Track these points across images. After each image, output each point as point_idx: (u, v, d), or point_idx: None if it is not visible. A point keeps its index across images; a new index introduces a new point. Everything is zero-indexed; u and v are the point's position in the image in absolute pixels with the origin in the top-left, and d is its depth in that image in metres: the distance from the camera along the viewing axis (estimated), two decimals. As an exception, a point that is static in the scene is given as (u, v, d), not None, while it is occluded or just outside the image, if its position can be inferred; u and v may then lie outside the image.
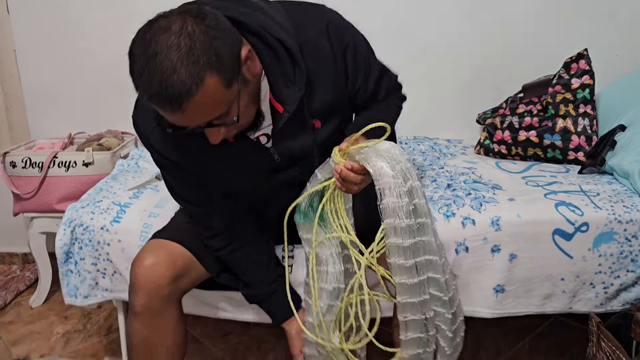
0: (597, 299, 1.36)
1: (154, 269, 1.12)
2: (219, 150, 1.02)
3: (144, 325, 1.14)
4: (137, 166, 1.74)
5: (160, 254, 1.14)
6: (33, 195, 1.83)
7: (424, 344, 0.98)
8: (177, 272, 1.14)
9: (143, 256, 1.14)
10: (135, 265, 1.14)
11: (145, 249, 1.16)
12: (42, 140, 2.02)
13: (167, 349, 1.17)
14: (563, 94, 1.69)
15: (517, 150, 1.71)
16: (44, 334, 1.79)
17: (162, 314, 1.14)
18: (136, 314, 1.14)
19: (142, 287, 1.12)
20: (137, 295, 1.12)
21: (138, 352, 1.17)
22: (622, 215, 1.33)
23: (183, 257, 1.17)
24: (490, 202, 1.37)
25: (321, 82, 1.05)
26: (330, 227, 1.07)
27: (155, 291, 1.12)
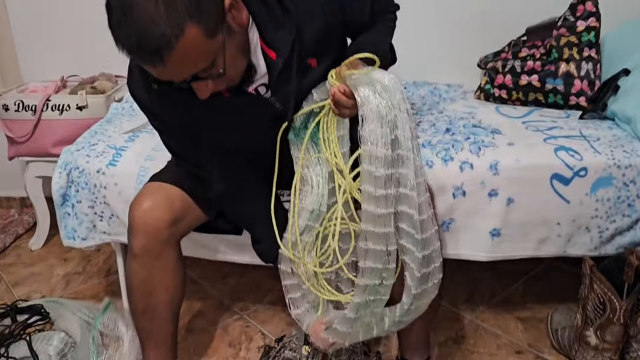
0: (592, 243, 1.37)
1: (152, 211, 1.12)
2: (219, 107, 1.01)
3: (143, 267, 1.15)
4: (132, 109, 1.71)
5: (158, 196, 1.14)
6: (27, 139, 1.81)
7: (380, 276, 0.94)
8: (175, 215, 1.14)
9: (141, 199, 1.14)
10: (133, 209, 1.14)
11: (143, 192, 1.16)
12: (34, 83, 1.98)
13: (166, 290, 1.19)
14: (567, 37, 1.64)
15: (518, 95, 1.68)
16: (44, 275, 1.82)
17: (161, 256, 1.15)
18: (135, 256, 1.14)
19: (141, 230, 1.12)
20: (136, 238, 1.13)
21: (137, 294, 1.18)
22: (622, 160, 1.32)
23: (181, 200, 1.16)
24: (489, 146, 1.36)
25: (311, 19, 1.02)
26: (320, 149, 1.06)
27: (153, 234, 1.12)
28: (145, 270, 1.15)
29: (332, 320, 1.05)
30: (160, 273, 1.16)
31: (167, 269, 1.17)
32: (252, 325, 1.56)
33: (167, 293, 1.19)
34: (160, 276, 1.17)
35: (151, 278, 1.16)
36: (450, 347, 1.45)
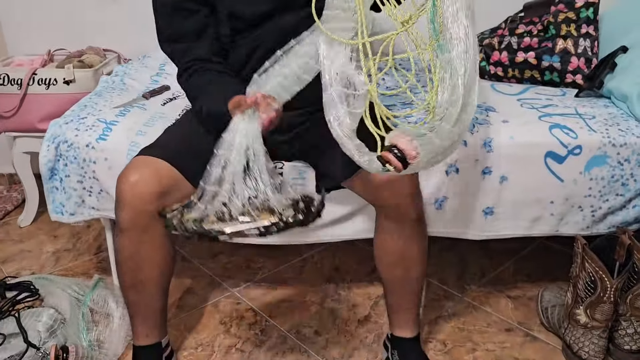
0: (584, 221, 1.37)
1: (139, 185, 1.11)
2: None
3: (131, 241, 1.14)
4: (122, 83, 1.68)
5: (145, 170, 1.12)
6: (13, 113, 1.78)
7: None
8: (162, 189, 1.13)
9: (128, 172, 1.12)
10: (121, 182, 1.12)
11: (131, 165, 1.14)
12: (19, 57, 1.94)
13: (155, 265, 1.18)
14: (566, 12, 1.61)
15: (514, 72, 1.66)
16: (34, 252, 1.80)
17: (149, 230, 1.13)
18: (123, 230, 1.13)
19: (128, 204, 1.11)
20: (123, 211, 1.12)
21: (125, 268, 1.17)
22: (617, 138, 1.31)
23: (169, 174, 1.14)
24: (483, 123, 1.34)
25: None
26: None
27: (141, 207, 1.11)
28: (132, 244, 1.14)
29: (416, 134, 0.92)
30: (148, 247, 1.15)
31: (155, 244, 1.16)
32: (243, 302, 1.55)
33: (155, 268, 1.18)
34: (148, 251, 1.16)
35: (139, 252, 1.15)
36: (441, 325, 1.46)
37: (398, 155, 0.90)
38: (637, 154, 1.31)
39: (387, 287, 1.25)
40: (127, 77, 1.70)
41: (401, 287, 1.23)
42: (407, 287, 1.23)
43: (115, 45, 1.98)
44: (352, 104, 0.94)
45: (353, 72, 0.94)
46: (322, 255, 1.75)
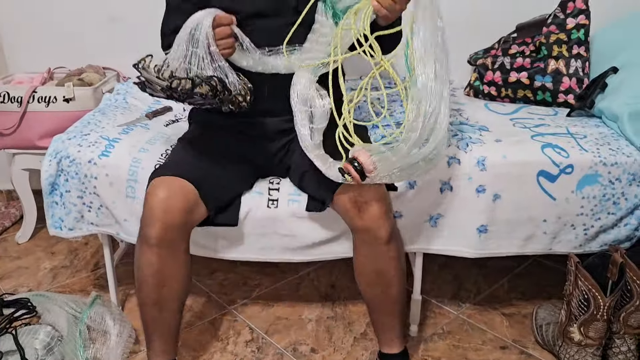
0: (577, 240, 1.38)
1: (169, 200, 1.14)
2: None
3: (159, 257, 1.15)
4: (125, 102, 1.70)
5: (173, 187, 1.16)
6: (13, 130, 1.79)
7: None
8: (189, 204, 1.16)
9: (157, 189, 1.15)
10: (150, 199, 1.14)
11: (157, 183, 1.17)
12: (20, 75, 1.96)
13: (178, 281, 1.20)
14: (557, 34, 1.65)
15: (507, 92, 1.69)
16: (31, 269, 1.80)
17: (176, 246, 1.16)
18: (151, 246, 1.14)
19: (159, 219, 1.13)
20: (153, 227, 1.13)
21: (150, 285, 1.18)
22: (607, 157, 1.33)
23: (192, 192, 1.18)
24: (476, 142, 1.37)
25: None
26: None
27: (171, 222, 1.14)
28: (160, 260, 1.15)
29: (376, 151, 1.06)
30: (173, 264, 1.17)
31: (179, 260, 1.18)
32: (240, 319, 1.56)
33: (178, 284, 1.20)
34: (173, 267, 1.18)
35: (164, 269, 1.17)
36: (437, 342, 1.47)
37: (357, 168, 1.04)
38: (628, 173, 1.33)
39: (369, 305, 1.30)
40: (129, 95, 1.72)
41: (382, 305, 1.27)
42: (387, 304, 1.27)
43: (115, 64, 2.01)
44: (315, 121, 1.11)
45: (314, 93, 1.11)
46: (318, 273, 1.76)
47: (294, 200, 1.31)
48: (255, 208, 1.31)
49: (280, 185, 1.33)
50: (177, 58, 1.09)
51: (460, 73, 1.93)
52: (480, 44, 1.87)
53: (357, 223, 1.18)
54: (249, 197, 1.31)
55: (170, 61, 1.10)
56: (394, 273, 1.23)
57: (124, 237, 1.40)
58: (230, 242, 1.37)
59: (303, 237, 1.34)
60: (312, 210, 1.27)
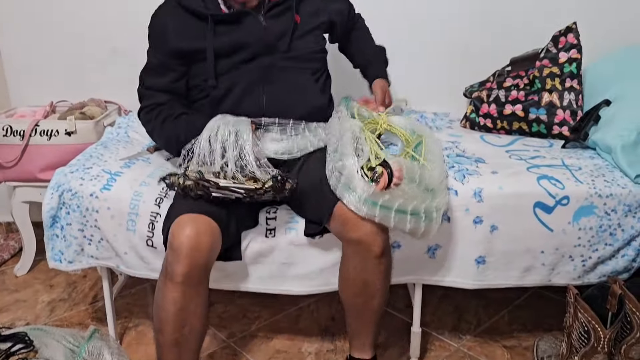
0: (575, 271, 1.39)
1: (197, 237, 1.13)
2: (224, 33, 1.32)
3: (183, 296, 1.14)
4: (127, 136, 1.72)
5: (198, 223, 1.15)
6: (15, 164, 1.81)
7: None
8: (215, 240, 1.16)
9: (183, 227, 1.14)
10: (177, 236, 1.13)
11: (181, 221, 1.16)
12: (23, 108, 1.99)
13: (201, 318, 1.18)
14: (550, 67, 1.69)
15: (503, 124, 1.72)
16: (29, 302, 1.80)
17: (200, 284, 1.15)
18: (176, 284, 1.13)
19: (186, 256, 1.12)
20: (181, 264, 1.12)
21: (172, 324, 1.16)
22: (603, 189, 1.35)
23: (215, 228, 1.18)
24: (473, 174, 1.38)
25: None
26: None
27: (198, 259, 1.13)
28: (184, 298, 1.14)
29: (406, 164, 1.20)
30: (196, 302, 1.16)
31: (202, 297, 1.17)
32: (239, 353, 1.54)
33: (199, 322, 1.19)
34: (196, 305, 1.16)
35: (188, 307, 1.15)
36: (437, 375, 1.45)
37: (388, 172, 1.14)
38: (624, 205, 1.35)
39: (348, 311, 1.32)
40: (131, 129, 1.74)
41: (362, 314, 1.30)
42: (367, 314, 1.29)
43: (116, 97, 2.04)
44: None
45: None
46: (318, 305, 1.76)
47: (291, 228, 1.32)
48: (254, 238, 1.32)
49: (277, 214, 1.34)
50: (230, 165, 1.20)
51: (457, 105, 1.97)
52: (476, 77, 1.91)
53: (351, 235, 1.19)
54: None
55: (226, 169, 1.19)
56: (380, 286, 1.25)
57: (123, 270, 1.41)
58: (229, 273, 1.37)
59: (301, 265, 1.35)
60: (310, 233, 1.29)
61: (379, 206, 1.14)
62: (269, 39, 1.35)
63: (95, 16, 1.97)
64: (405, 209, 1.16)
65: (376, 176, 1.13)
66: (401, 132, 1.46)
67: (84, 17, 1.97)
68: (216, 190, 1.16)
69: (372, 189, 1.13)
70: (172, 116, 1.34)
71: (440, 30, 1.95)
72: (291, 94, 1.36)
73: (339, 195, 1.18)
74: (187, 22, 1.34)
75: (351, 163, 1.17)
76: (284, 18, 1.38)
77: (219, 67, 1.34)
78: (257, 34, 1.34)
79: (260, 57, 1.35)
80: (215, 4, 1.36)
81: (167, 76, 1.37)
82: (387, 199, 1.14)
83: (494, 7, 1.91)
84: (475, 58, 1.96)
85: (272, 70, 1.35)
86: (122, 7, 1.95)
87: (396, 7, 1.93)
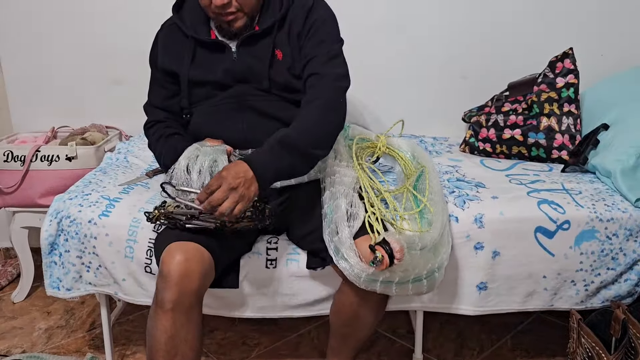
0: (578, 296, 1.37)
1: (187, 263, 1.11)
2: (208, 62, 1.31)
3: (174, 323, 1.11)
4: (126, 161, 1.72)
5: (189, 249, 1.13)
6: (15, 189, 1.81)
7: None
8: (205, 267, 1.14)
9: (174, 253, 1.12)
10: (168, 263, 1.11)
11: (172, 248, 1.14)
12: (24, 134, 2.00)
13: (193, 346, 1.15)
14: (548, 92, 1.70)
15: (502, 148, 1.72)
16: (26, 329, 1.77)
17: (191, 311, 1.13)
18: (166, 311, 1.11)
19: (176, 283, 1.10)
20: (170, 291, 1.10)
21: (162, 352, 1.13)
22: (603, 213, 1.34)
23: (207, 256, 1.16)
24: (473, 199, 1.38)
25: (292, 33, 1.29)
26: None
27: (188, 286, 1.11)
28: (175, 326, 1.11)
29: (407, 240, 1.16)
30: (187, 329, 1.13)
31: (194, 325, 1.14)
32: (238, 381, 1.52)
33: (192, 351, 1.15)
34: (187, 333, 1.13)
35: (179, 335, 1.12)
36: (440, 403, 1.43)
37: (388, 252, 1.10)
38: (625, 229, 1.34)
39: (333, 334, 1.34)
40: (130, 154, 1.74)
41: (346, 340, 1.31)
42: (351, 341, 1.31)
43: (118, 122, 2.05)
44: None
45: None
46: (318, 331, 1.73)
47: (292, 259, 1.31)
48: (255, 269, 1.31)
49: (278, 245, 1.33)
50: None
51: (456, 130, 1.98)
52: (474, 102, 1.93)
53: None
54: (247, 257, 1.32)
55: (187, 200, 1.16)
56: (371, 320, 1.26)
57: (122, 296, 1.39)
58: (229, 302, 1.36)
59: (303, 296, 1.34)
60: (313, 266, 1.28)
61: (379, 282, 1.14)
62: (239, 70, 1.30)
63: (97, 42, 2.00)
64: (407, 279, 1.15)
65: (377, 260, 1.09)
66: (400, 155, 1.47)
67: (86, 44, 2.00)
68: (189, 222, 1.15)
69: (372, 270, 1.11)
70: (163, 136, 1.35)
71: (439, 56, 1.97)
72: (272, 121, 1.31)
73: (335, 261, 1.17)
74: (175, 41, 1.34)
75: (345, 235, 1.15)
76: (259, 49, 1.29)
77: (195, 94, 1.34)
78: (224, 66, 1.30)
79: (235, 86, 1.32)
80: (205, 30, 1.33)
81: (161, 93, 1.38)
82: (387, 275, 1.14)
83: (492, 33, 1.94)
84: (473, 83, 1.98)
85: (247, 97, 1.31)
86: (124, 35, 1.97)
87: (396, 32, 1.95)
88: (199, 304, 1.16)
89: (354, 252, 1.14)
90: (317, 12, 1.29)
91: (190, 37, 1.32)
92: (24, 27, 1.99)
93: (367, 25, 1.87)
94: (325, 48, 1.26)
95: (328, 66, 1.25)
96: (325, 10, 1.31)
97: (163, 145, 1.34)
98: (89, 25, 1.98)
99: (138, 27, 1.93)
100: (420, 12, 1.93)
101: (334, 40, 1.29)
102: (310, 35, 1.27)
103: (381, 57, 1.92)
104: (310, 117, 1.20)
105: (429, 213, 1.25)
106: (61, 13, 1.97)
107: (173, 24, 1.36)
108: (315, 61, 1.25)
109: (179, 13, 1.35)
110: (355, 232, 1.18)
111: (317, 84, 1.24)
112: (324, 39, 1.27)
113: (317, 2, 1.31)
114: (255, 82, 1.31)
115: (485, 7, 1.92)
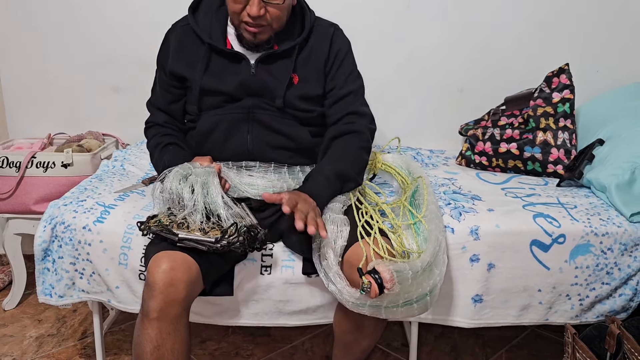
0: (573, 310, 1.37)
1: (173, 272, 1.10)
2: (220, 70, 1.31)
3: (160, 332, 1.10)
4: (122, 169, 1.72)
5: (176, 258, 1.13)
6: (9, 195, 1.80)
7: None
8: (192, 276, 1.13)
9: (160, 262, 1.12)
10: (153, 271, 1.11)
11: (160, 256, 1.14)
12: (20, 140, 1.99)
13: (180, 356, 1.14)
14: (544, 107, 1.71)
15: (498, 162, 1.73)
16: (16, 337, 1.75)
17: (177, 321, 1.12)
18: (151, 320, 1.10)
19: (161, 292, 1.09)
20: (155, 300, 1.09)
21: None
22: (599, 227, 1.35)
23: (195, 266, 1.15)
24: (469, 212, 1.39)
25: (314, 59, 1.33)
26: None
27: (174, 295, 1.10)
28: (160, 335, 1.10)
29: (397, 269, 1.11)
30: (174, 339, 1.12)
31: (180, 335, 1.13)
32: (230, 392, 1.51)
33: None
34: (174, 342, 1.12)
35: (165, 344, 1.11)
36: (434, 417, 1.42)
37: (378, 281, 1.07)
38: (620, 243, 1.35)
39: (337, 342, 1.33)
40: (127, 162, 1.74)
41: (349, 349, 1.30)
42: (355, 351, 1.30)
43: (114, 130, 2.05)
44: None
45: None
46: (312, 342, 1.72)
47: (287, 266, 1.31)
48: (249, 275, 1.31)
49: (273, 251, 1.33)
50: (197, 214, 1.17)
51: (452, 143, 1.99)
52: (471, 116, 1.94)
53: (353, 277, 1.16)
54: (242, 264, 1.31)
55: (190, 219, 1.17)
56: (374, 329, 1.25)
57: (115, 304, 1.38)
58: (223, 309, 1.35)
59: (297, 302, 1.33)
60: (309, 272, 1.27)
61: (367, 305, 1.12)
62: (255, 86, 1.31)
63: (95, 50, 2.00)
64: (397, 304, 1.13)
65: (365, 288, 1.07)
66: (396, 171, 1.48)
67: (84, 51, 2.00)
68: (179, 241, 1.15)
69: (359, 296, 1.09)
70: (160, 144, 1.36)
71: (436, 70, 1.99)
72: (276, 135, 1.33)
73: (325, 284, 1.16)
74: (188, 45, 1.33)
75: (331, 260, 1.14)
76: (278, 69, 1.32)
77: (204, 102, 1.34)
78: (240, 78, 1.31)
79: (246, 98, 1.33)
80: (221, 37, 1.32)
81: (165, 97, 1.38)
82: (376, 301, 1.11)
83: (489, 49, 1.96)
84: (470, 97, 2.00)
85: (256, 110, 1.33)
86: (121, 42, 1.98)
87: (395, 46, 1.97)
88: (186, 314, 1.15)
89: (339, 277, 1.13)
90: (340, 40, 1.37)
91: (207, 44, 1.30)
92: (21, 33, 2.00)
93: (366, 39, 1.88)
94: (355, 83, 1.37)
95: (364, 106, 1.37)
96: (345, 39, 1.39)
97: (158, 154, 1.36)
98: (86, 33, 1.99)
99: (135, 35, 1.95)
100: (418, 27, 1.95)
101: (358, 73, 1.39)
102: (336, 64, 1.35)
103: (379, 71, 1.93)
104: (350, 153, 1.31)
105: (425, 230, 1.25)
106: (58, 20, 1.99)
107: (187, 26, 1.34)
108: (352, 98, 1.35)
109: (194, 15, 1.34)
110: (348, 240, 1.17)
111: (357, 121, 1.33)
112: (352, 70, 1.37)
113: (337, 30, 1.38)
114: (268, 99, 1.32)
115: (483, 22, 1.94)
